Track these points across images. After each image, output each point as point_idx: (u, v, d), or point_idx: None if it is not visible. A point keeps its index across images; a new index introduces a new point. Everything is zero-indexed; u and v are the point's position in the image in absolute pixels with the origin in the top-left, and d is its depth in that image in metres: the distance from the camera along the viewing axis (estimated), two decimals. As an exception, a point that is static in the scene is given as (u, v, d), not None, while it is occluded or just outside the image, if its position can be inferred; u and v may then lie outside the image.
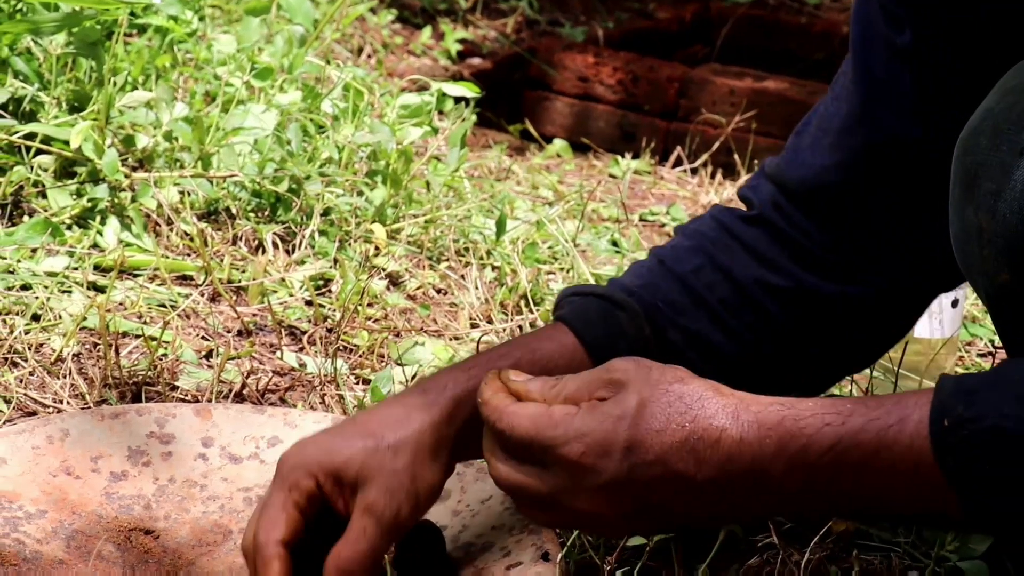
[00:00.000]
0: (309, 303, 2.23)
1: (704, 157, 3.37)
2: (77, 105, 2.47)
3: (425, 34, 3.94)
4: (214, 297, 2.23)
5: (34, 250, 2.20)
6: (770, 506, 1.30)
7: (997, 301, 1.32)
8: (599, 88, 3.95)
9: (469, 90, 2.73)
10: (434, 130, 2.70)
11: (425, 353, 2.12)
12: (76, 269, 2.19)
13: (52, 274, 2.15)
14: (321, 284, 2.32)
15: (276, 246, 2.38)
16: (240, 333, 2.15)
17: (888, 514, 1.30)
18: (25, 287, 2.12)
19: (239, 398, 1.95)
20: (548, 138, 3.73)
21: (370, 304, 2.26)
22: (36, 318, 2.06)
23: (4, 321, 2.02)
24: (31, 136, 2.34)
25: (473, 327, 2.25)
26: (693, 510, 1.30)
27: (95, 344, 2.03)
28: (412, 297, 2.35)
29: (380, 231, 2.44)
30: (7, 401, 1.87)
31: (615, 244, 2.74)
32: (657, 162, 3.55)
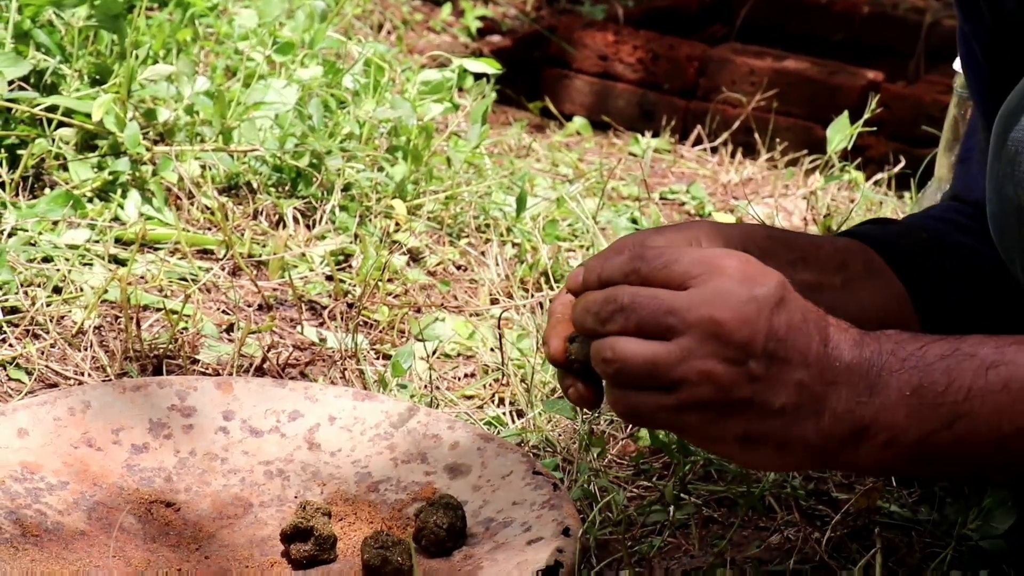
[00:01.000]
0: (329, 278, 2.23)
1: (724, 136, 3.36)
2: (99, 78, 2.47)
3: (445, 11, 3.93)
4: (235, 271, 2.23)
5: (55, 223, 2.20)
6: (875, 421, 1.24)
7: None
8: (619, 67, 3.94)
9: (490, 67, 2.72)
10: (455, 106, 2.69)
11: (445, 329, 2.11)
12: (97, 242, 2.19)
13: (73, 247, 2.16)
14: (341, 259, 2.31)
15: (297, 221, 2.38)
16: (260, 307, 2.15)
17: None
18: (46, 259, 2.12)
19: (259, 372, 1.95)
20: (568, 116, 3.72)
21: (390, 280, 2.25)
22: (57, 290, 2.06)
23: (26, 293, 2.02)
24: (53, 109, 2.34)
25: (493, 303, 2.25)
26: (804, 387, 1.24)
27: (116, 317, 2.03)
28: (432, 273, 2.35)
29: (400, 207, 2.44)
30: (29, 373, 1.87)
31: (635, 222, 2.73)
32: (677, 141, 3.54)
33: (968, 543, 1.55)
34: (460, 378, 2.01)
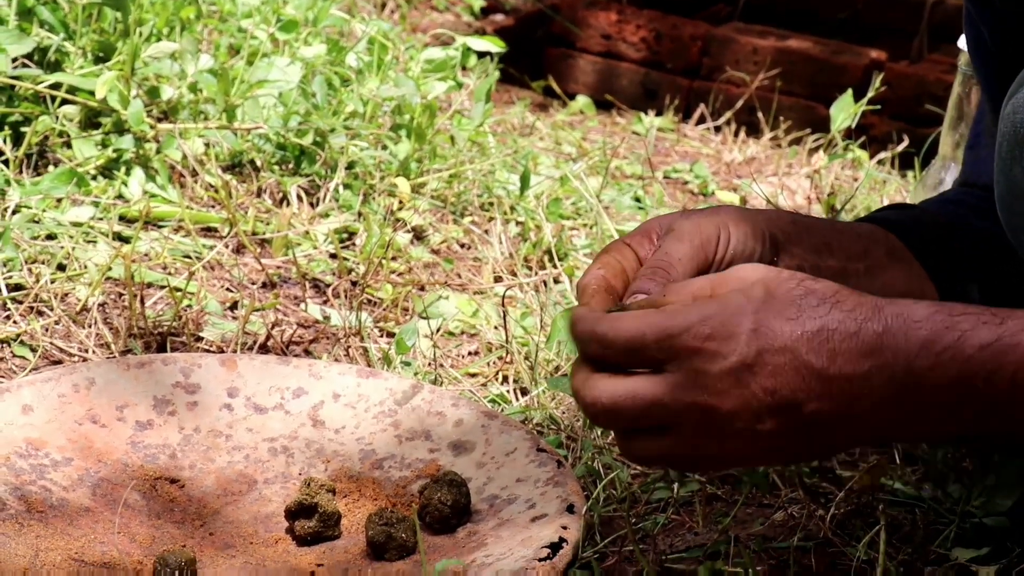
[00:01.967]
0: (333, 256, 2.23)
1: (728, 115, 3.36)
2: (102, 55, 2.46)
3: (448, -11, 3.93)
4: (239, 249, 2.23)
5: (59, 200, 2.20)
6: (912, 413, 1.21)
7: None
8: (622, 46, 3.93)
9: (494, 45, 2.72)
10: (459, 85, 2.69)
11: (449, 307, 2.11)
12: (101, 219, 2.19)
13: (77, 224, 2.16)
14: (345, 237, 2.31)
15: (300, 199, 2.38)
16: (264, 285, 2.15)
17: None
18: (50, 237, 2.12)
19: (264, 350, 1.95)
20: (571, 95, 3.72)
21: (394, 258, 2.25)
22: (62, 268, 2.06)
23: (30, 270, 2.02)
24: (56, 86, 2.33)
25: (497, 281, 2.25)
26: (823, 414, 1.22)
27: (120, 294, 2.03)
28: (436, 251, 2.35)
29: (404, 185, 2.44)
30: (33, 350, 1.87)
31: (638, 200, 2.73)
32: (680, 120, 3.54)
33: (972, 520, 1.55)
34: (464, 356, 2.01)
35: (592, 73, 3.92)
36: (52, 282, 2.00)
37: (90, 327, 1.93)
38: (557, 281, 2.23)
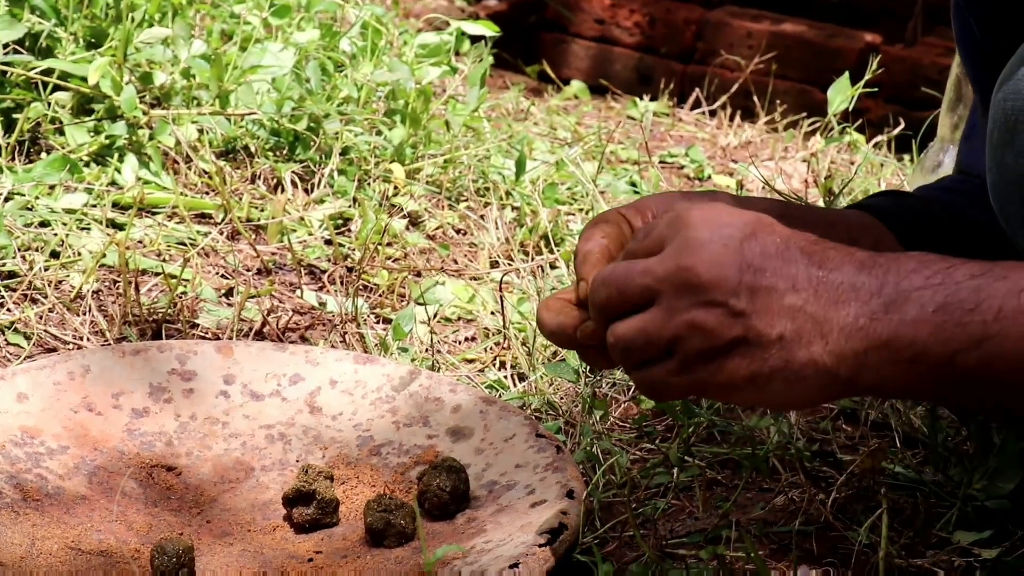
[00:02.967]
0: (328, 242, 2.22)
1: (723, 99, 3.35)
2: (94, 41, 2.45)
3: (441, -25, 3.91)
4: (233, 235, 2.21)
5: (52, 187, 2.19)
6: (893, 337, 1.19)
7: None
8: (616, 31, 3.92)
9: (488, 29, 2.70)
10: (453, 70, 2.68)
11: (445, 292, 2.10)
12: (95, 206, 2.18)
13: (71, 211, 2.14)
14: (340, 223, 2.30)
15: (295, 185, 2.37)
16: (260, 272, 2.14)
17: None
18: (44, 224, 2.11)
19: (259, 336, 1.94)
20: (565, 80, 3.71)
21: (389, 244, 2.24)
22: (55, 255, 2.05)
23: (24, 258, 2.00)
24: (48, 72, 2.32)
25: (493, 266, 2.24)
26: (799, 311, 1.21)
27: (114, 281, 2.02)
28: (431, 237, 2.34)
29: (399, 170, 2.43)
30: (27, 337, 1.86)
31: (634, 185, 2.72)
32: (675, 104, 3.53)
33: (974, 503, 1.54)
34: (461, 342, 2.01)
35: (586, 58, 3.91)
36: (46, 269, 1.99)
37: (84, 314, 1.92)
38: (554, 266, 2.22)
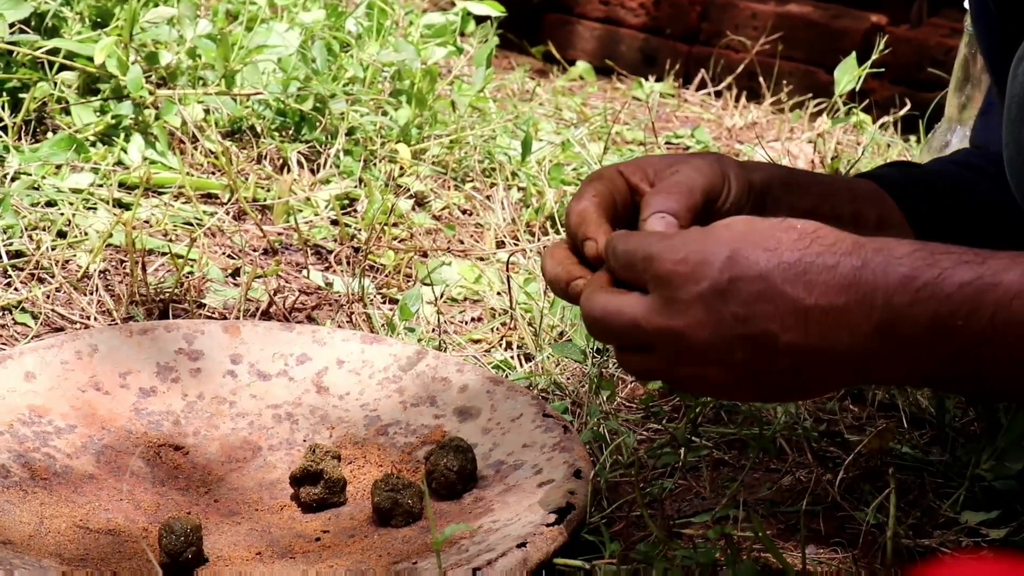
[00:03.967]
0: (335, 222, 2.22)
1: (728, 80, 3.35)
2: (100, 21, 2.45)
3: (445, -45, 3.91)
4: (239, 215, 2.21)
5: (59, 166, 2.19)
6: (889, 351, 1.18)
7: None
8: (621, 11, 3.91)
9: (494, 9, 2.70)
10: (459, 50, 2.67)
11: (451, 273, 2.10)
12: (101, 186, 2.18)
13: (77, 191, 2.14)
14: (346, 203, 2.30)
15: (301, 165, 2.37)
16: (266, 252, 2.14)
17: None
18: (50, 203, 2.11)
19: (266, 316, 1.94)
20: (570, 61, 3.70)
21: (395, 224, 2.24)
22: (62, 235, 2.05)
23: (30, 237, 2.01)
24: (54, 52, 2.32)
25: (499, 247, 2.24)
26: (798, 348, 1.19)
27: (121, 261, 2.02)
28: (437, 217, 2.33)
29: (405, 151, 2.43)
30: (35, 317, 1.86)
31: (640, 166, 2.71)
32: (680, 85, 3.52)
33: (981, 483, 1.54)
34: (467, 322, 2.00)
35: (591, 39, 3.90)
36: (53, 249, 1.99)
37: (91, 294, 1.92)
38: (560, 247, 2.21)
